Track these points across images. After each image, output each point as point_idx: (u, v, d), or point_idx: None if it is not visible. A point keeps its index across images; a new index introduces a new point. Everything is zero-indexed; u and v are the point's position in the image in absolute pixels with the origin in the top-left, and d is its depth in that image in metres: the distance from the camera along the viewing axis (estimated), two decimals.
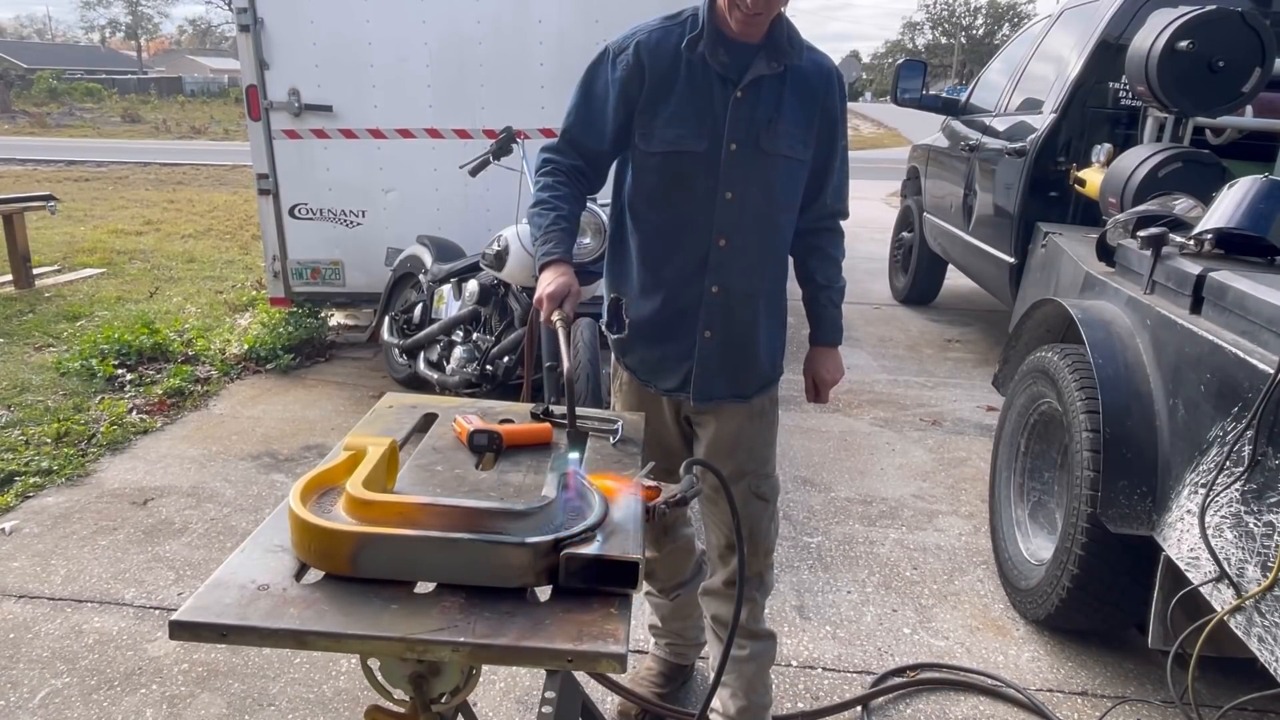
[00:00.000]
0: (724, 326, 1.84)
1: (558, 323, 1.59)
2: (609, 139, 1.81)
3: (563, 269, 1.70)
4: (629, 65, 1.75)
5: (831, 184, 1.90)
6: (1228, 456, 1.84)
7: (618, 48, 1.78)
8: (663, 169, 1.77)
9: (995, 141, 4.77)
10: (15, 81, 38.52)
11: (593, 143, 1.83)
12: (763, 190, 1.78)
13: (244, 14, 4.42)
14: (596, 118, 1.81)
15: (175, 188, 12.71)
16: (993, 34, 63.22)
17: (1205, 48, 2.91)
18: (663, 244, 1.82)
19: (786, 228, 1.87)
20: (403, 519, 1.02)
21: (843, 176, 1.93)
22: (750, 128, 1.73)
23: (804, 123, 1.78)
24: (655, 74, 1.74)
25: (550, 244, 1.74)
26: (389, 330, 4.61)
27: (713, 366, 1.85)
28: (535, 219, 1.79)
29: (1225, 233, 2.28)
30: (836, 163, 1.89)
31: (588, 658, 0.92)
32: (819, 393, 2.08)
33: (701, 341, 1.84)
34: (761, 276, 1.85)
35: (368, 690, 2.08)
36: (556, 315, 1.61)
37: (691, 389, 1.86)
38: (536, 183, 1.85)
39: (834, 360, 2.05)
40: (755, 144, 1.74)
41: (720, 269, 1.79)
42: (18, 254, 6.28)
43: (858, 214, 4.18)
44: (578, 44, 4.33)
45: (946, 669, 2.44)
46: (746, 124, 1.73)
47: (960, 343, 5.69)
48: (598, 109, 1.80)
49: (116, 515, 3.16)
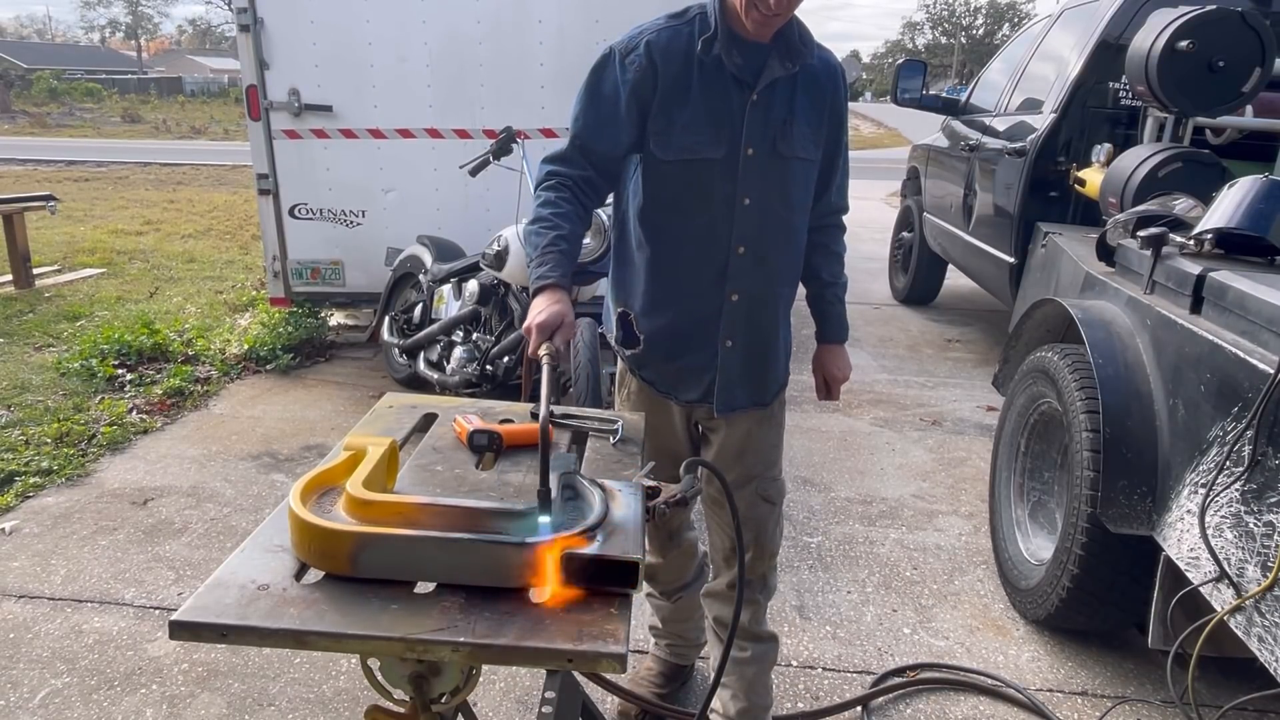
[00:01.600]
0: (745, 334, 1.81)
1: (544, 358, 1.43)
2: (624, 143, 1.72)
3: (557, 296, 1.56)
4: (641, 66, 1.67)
5: (836, 181, 1.90)
6: (1228, 456, 1.84)
7: (625, 48, 1.70)
8: (679, 176, 1.71)
9: (995, 141, 4.77)
10: (15, 81, 38.51)
11: (605, 148, 1.73)
12: (780, 194, 1.75)
13: (244, 14, 4.42)
14: (608, 122, 1.71)
15: (175, 188, 12.71)
16: (993, 34, 63.22)
17: (1205, 48, 2.90)
18: (680, 253, 1.76)
19: (801, 230, 1.85)
20: (403, 519, 1.02)
21: (845, 173, 1.92)
22: (766, 131, 1.70)
23: (815, 123, 1.76)
24: (668, 76, 1.67)
25: (546, 267, 1.61)
26: (389, 330, 4.61)
27: (734, 376, 1.83)
28: (532, 238, 1.66)
29: (1225, 233, 2.28)
30: (841, 160, 1.88)
31: (588, 658, 0.92)
32: (830, 390, 2.06)
33: (723, 351, 1.80)
34: (780, 281, 1.83)
35: (368, 690, 2.08)
36: (544, 350, 1.45)
37: (715, 399, 1.84)
38: (537, 198, 1.72)
39: (843, 357, 2.04)
40: (772, 147, 1.71)
41: (740, 276, 1.76)
42: (18, 254, 6.28)
43: (858, 214, 4.18)
44: (578, 44, 4.34)
45: (946, 669, 2.44)
46: (762, 127, 1.69)
47: (960, 343, 5.68)
48: (608, 112, 1.70)
49: (116, 515, 3.16)
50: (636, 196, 1.77)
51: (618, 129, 1.71)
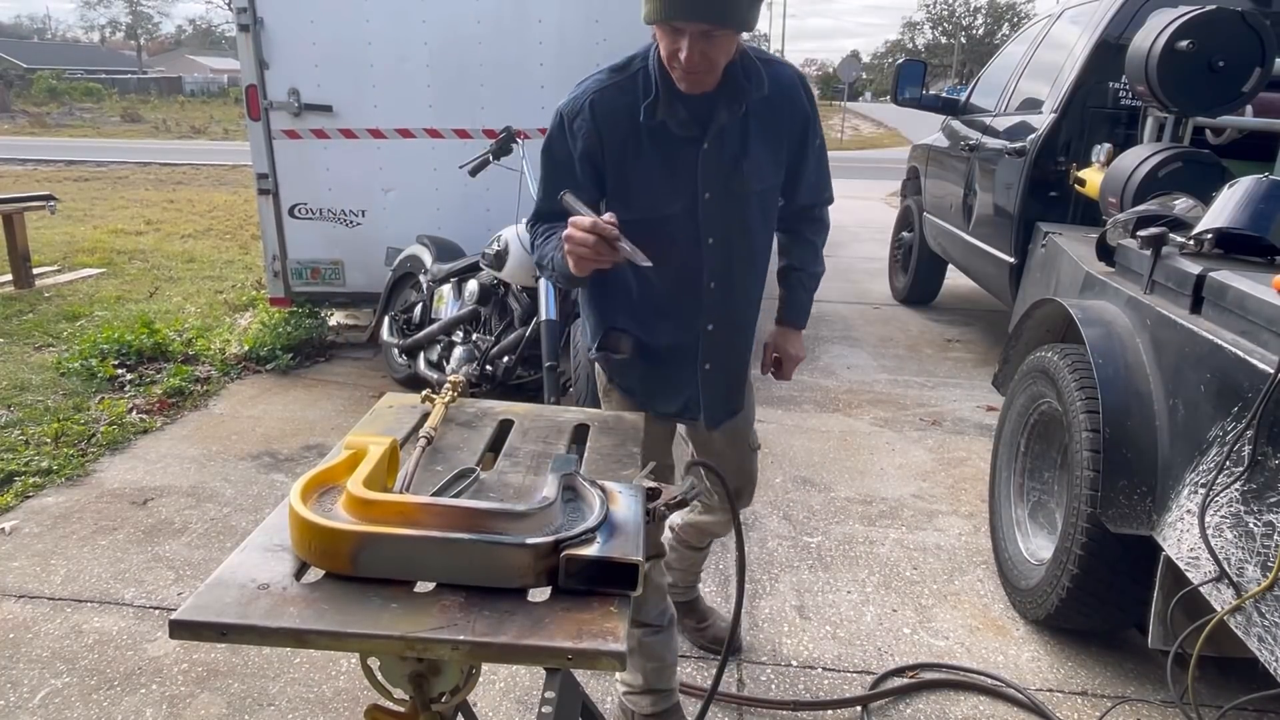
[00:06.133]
0: (723, 357, 1.90)
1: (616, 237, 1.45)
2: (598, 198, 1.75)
3: None
4: (588, 131, 1.68)
5: (807, 180, 1.90)
6: (1228, 456, 1.84)
7: (571, 111, 1.70)
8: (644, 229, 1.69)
9: (995, 141, 4.77)
10: (15, 81, 38.52)
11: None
12: (740, 230, 1.79)
13: (244, 14, 4.41)
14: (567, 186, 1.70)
15: (175, 188, 12.72)
16: (993, 34, 63.23)
17: (1205, 48, 2.90)
18: (655, 291, 1.81)
19: (764, 251, 1.89)
20: (403, 518, 1.02)
21: (820, 172, 1.92)
22: (719, 173, 1.71)
23: (774, 145, 1.77)
24: (615, 140, 1.68)
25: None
26: (389, 330, 4.61)
27: (718, 395, 1.93)
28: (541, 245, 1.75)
29: (1225, 233, 2.28)
30: (810, 161, 1.88)
31: (587, 656, 0.92)
32: (781, 368, 2.13)
33: (703, 374, 1.89)
34: (749, 304, 1.91)
35: (368, 690, 2.08)
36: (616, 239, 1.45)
37: (703, 415, 1.92)
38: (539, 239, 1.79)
39: (799, 340, 2.12)
40: (726, 187, 1.72)
41: (713, 308, 1.83)
42: (18, 254, 6.28)
43: (858, 214, 4.20)
44: (578, 44, 4.34)
45: (946, 669, 2.44)
46: (716, 170, 1.71)
47: (960, 343, 5.68)
48: (564, 181, 1.71)
49: (116, 515, 3.16)
50: None
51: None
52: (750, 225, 1.81)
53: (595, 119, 1.66)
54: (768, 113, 1.73)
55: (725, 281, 1.82)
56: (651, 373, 1.90)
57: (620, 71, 1.69)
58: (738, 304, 1.87)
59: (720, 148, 1.69)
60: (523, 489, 1.27)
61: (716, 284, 1.81)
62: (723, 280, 1.81)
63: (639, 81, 1.67)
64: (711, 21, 1.49)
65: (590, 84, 1.70)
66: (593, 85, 1.69)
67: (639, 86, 1.66)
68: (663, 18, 1.50)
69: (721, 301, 1.83)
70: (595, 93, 1.67)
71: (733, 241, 1.79)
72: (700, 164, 1.69)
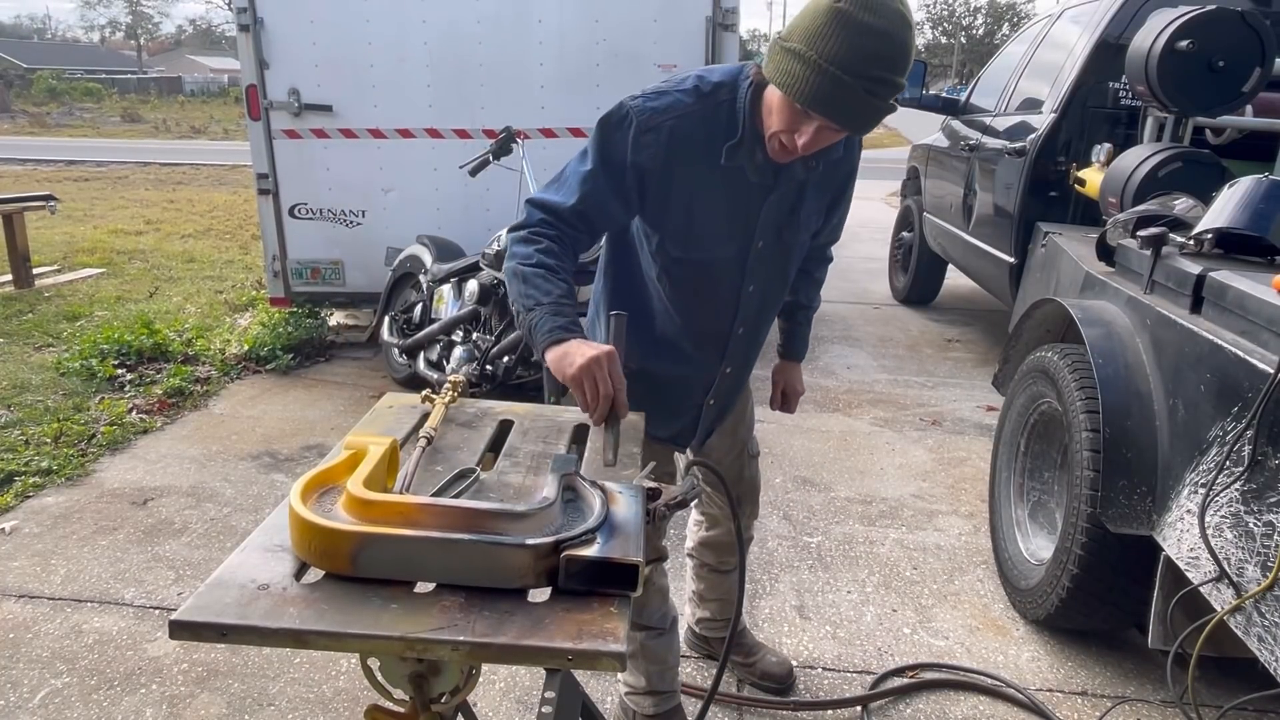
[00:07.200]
0: (728, 395, 1.93)
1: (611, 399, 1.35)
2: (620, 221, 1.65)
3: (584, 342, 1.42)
4: (654, 153, 1.53)
5: (830, 225, 1.89)
6: (1228, 456, 1.84)
7: (644, 123, 1.52)
8: (691, 268, 1.67)
9: (995, 141, 4.77)
10: (15, 81, 38.53)
11: (606, 224, 1.64)
12: (779, 279, 1.79)
13: (244, 14, 4.42)
14: (612, 198, 1.57)
15: (175, 187, 12.71)
16: (993, 34, 63.17)
17: (1205, 48, 2.90)
18: (681, 331, 1.76)
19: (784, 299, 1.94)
20: (403, 519, 1.02)
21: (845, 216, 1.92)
22: (775, 222, 1.66)
23: (822, 198, 1.74)
24: (685, 172, 1.55)
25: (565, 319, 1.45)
26: (389, 330, 4.61)
27: (711, 423, 1.95)
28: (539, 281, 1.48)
29: (1225, 232, 2.28)
30: (842, 208, 1.87)
31: (587, 656, 0.92)
32: (788, 403, 2.20)
33: (705, 407, 1.90)
34: (760, 345, 1.91)
35: (368, 690, 2.08)
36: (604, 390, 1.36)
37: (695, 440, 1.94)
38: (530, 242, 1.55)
39: (800, 373, 2.20)
40: (778, 237, 1.68)
41: (736, 354, 1.83)
42: (18, 254, 6.28)
43: (858, 214, 4.18)
44: (578, 44, 4.34)
45: (946, 669, 2.44)
46: (774, 219, 1.66)
47: (960, 343, 5.68)
48: (615, 185, 1.56)
49: (116, 515, 3.16)
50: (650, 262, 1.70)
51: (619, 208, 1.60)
52: (787, 274, 1.80)
53: (669, 144, 1.53)
54: (828, 164, 1.68)
55: (752, 327, 1.80)
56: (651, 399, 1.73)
57: (704, 100, 1.54)
58: (756, 347, 1.88)
59: (783, 197, 1.64)
60: (523, 489, 1.27)
61: (745, 330, 1.78)
62: (750, 326, 1.79)
63: (722, 117, 1.54)
64: (852, 130, 1.42)
65: (671, 102, 1.54)
66: (675, 107, 1.53)
67: (722, 122, 1.54)
68: (806, 105, 1.36)
69: (744, 347, 1.83)
70: (677, 117, 1.53)
71: (769, 290, 1.77)
72: (763, 213, 1.64)
